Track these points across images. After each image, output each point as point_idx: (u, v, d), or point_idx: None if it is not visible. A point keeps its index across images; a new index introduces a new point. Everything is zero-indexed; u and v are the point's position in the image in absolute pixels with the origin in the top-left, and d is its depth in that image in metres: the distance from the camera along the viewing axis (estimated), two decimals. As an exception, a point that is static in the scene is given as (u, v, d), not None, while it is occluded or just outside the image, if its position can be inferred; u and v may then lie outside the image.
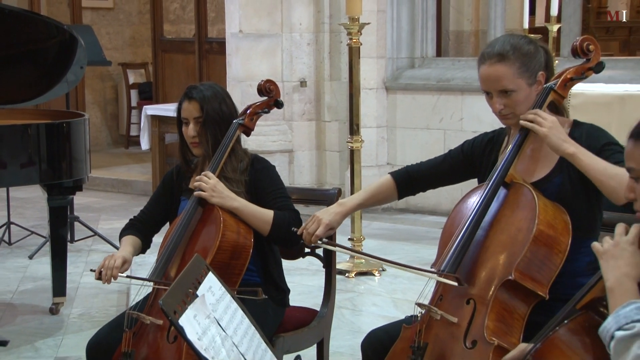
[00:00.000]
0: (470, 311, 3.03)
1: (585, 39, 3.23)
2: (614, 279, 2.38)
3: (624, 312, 2.29)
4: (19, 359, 5.39)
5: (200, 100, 3.94)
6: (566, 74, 3.22)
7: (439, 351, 3.05)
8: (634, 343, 2.23)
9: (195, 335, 2.49)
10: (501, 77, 3.23)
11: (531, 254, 3.00)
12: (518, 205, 3.13)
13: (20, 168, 5.78)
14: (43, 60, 6.41)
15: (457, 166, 3.57)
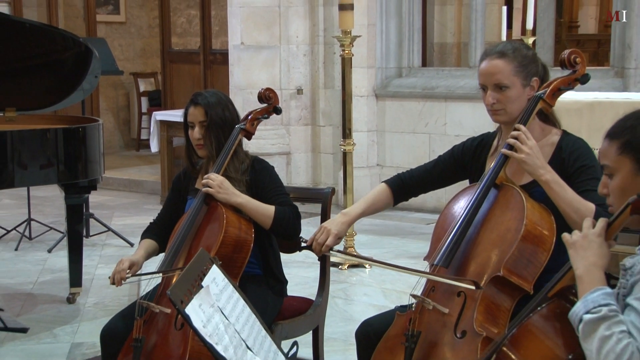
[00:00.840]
0: (460, 303, 3.00)
1: (573, 52, 3.22)
2: (583, 268, 2.39)
3: (592, 297, 2.30)
4: (38, 344, 5.39)
5: (205, 106, 3.95)
6: (555, 84, 3.21)
7: (431, 339, 3.03)
8: (600, 325, 2.24)
9: (201, 323, 2.50)
10: (498, 71, 3.24)
11: (519, 252, 2.98)
12: (507, 206, 3.12)
13: (40, 169, 5.78)
14: (61, 70, 6.40)
15: (449, 170, 3.56)
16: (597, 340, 2.24)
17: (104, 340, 3.86)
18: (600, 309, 2.26)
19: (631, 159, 2.39)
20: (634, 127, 2.39)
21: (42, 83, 6.36)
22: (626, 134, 2.40)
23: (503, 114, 3.28)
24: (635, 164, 2.38)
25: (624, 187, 2.41)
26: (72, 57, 6.36)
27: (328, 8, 8.69)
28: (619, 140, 2.40)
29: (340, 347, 4.62)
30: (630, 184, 2.40)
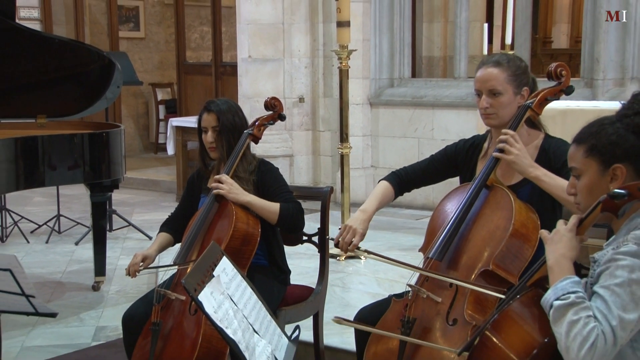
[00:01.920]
0: (452, 294, 2.99)
1: (559, 65, 3.21)
2: (553, 259, 2.39)
3: (561, 285, 2.31)
4: (66, 327, 5.40)
5: (217, 112, 3.96)
6: (542, 94, 3.21)
7: (424, 325, 3.02)
8: (569, 311, 2.24)
9: (212, 309, 2.49)
10: (493, 78, 3.24)
11: (507, 248, 2.98)
12: (497, 206, 3.10)
13: (68, 170, 5.78)
14: (87, 81, 6.40)
15: (442, 168, 3.55)
16: (566, 324, 2.24)
17: (126, 324, 3.87)
18: (569, 295, 2.27)
19: (596, 161, 2.40)
20: (598, 132, 2.41)
21: (70, 93, 6.35)
22: (591, 139, 2.42)
23: (495, 118, 3.28)
24: (600, 165, 2.39)
25: (591, 186, 2.42)
26: (96, 70, 6.36)
27: (327, 25, 8.69)
28: (585, 145, 2.42)
29: (337, 331, 4.60)
30: (596, 184, 2.41)
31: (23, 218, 8.09)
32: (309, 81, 8.99)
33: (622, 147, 2.36)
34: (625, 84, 7.37)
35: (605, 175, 2.39)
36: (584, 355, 2.19)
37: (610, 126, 2.40)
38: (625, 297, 2.21)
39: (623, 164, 2.36)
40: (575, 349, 2.20)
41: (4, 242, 7.68)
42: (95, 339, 5.21)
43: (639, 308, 2.21)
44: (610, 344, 2.19)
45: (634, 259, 2.23)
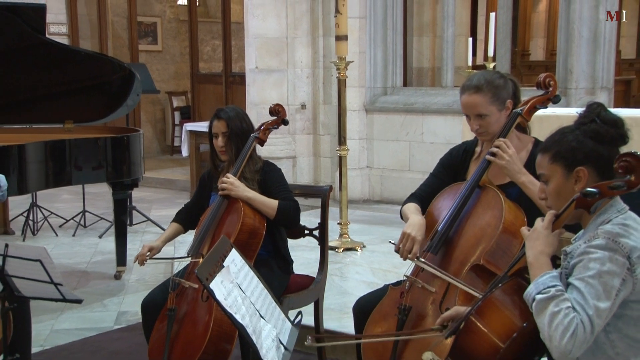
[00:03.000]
0: (445, 284, 2.97)
1: (547, 75, 3.21)
2: (533, 256, 2.40)
3: (542, 280, 2.31)
4: (91, 312, 5.40)
5: (227, 119, 3.96)
6: (532, 102, 3.20)
7: (419, 312, 3.02)
8: (550, 303, 2.24)
9: (222, 296, 2.48)
10: (477, 105, 3.22)
11: (496, 245, 2.96)
12: (489, 205, 3.09)
13: (92, 170, 5.79)
14: (109, 90, 6.40)
15: (445, 179, 3.45)
16: (548, 316, 2.23)
17: (144, 310, 3.87)
18: (549, 289, 2.27)
19: (561, 166, 2.41)
20: (560, 140, 2.43)
21: (94, 100, 6.36)
22: (555, 146, 2.44)
23: (486, 134, 3.27)
24: (564, 169, 2.41)
25: (558, 189, 2.43)
26: (118, 79, 6.36)
27: (327, 39, 8.68)
28: (550, 152, 2.44)
29: (336, 316, 4.60)
30: (563, 187, 2.42)
31: (52, 214, 8.11)
32: (310, 90, 8.98)
33: (582, 151, 2.37)
34: (596, 92, 7.42)
35: (570, 178, 2.40)
36: (566, 343, 2.19)
37: (570, 134, 2.42)
38: (599, 287, 2.22)
39: (585, 167, 2.37)
40: (557, 338, 2.20)
41: (35, 235, 7.67)
42: (117, 323, 5.21)
43: (611, 297, 2.22)
44: (589, 332, 2.20)
45: (604, 251, 2.24)
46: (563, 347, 2.19)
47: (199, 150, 9.33)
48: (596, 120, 2.39)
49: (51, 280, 2.99)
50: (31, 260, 2.95)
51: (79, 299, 3.12)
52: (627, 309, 2.27)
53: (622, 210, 2.35)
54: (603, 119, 2.39)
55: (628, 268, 2.22)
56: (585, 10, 7.34)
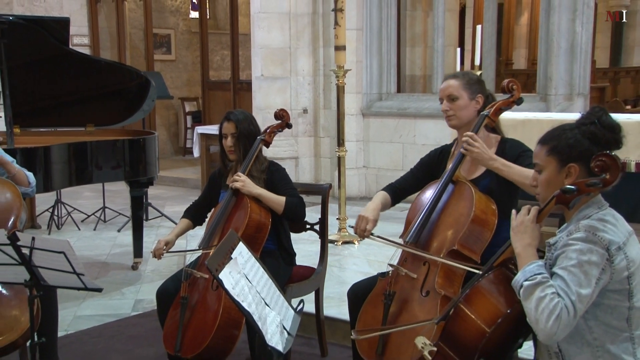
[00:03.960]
0: (425, 270, 3.03)
1: (510, 81, 3.28)
2: (521, 247, 2.39)
3: (529, 268, 2.31)
4: (110, 300, 5.40)
5: (236, 121, 3.96)
6: (497, 105, 3.26)
7: (403, 297, 3.06)
8: (536, 289, 2.25)
9: (230, 285, 2.48)
10: (450, 87, 3.33)
11: (469, 231, 3.01)
12: (461, 197, 3.14)
13: (111, 169, 5.79)
14: (127, 96, 6.40)
15: (421, 176, 3.57)
16: (535, 300, 2.24)
17: (159, 298, 3.86)
18: (536, 276, 2.27)
19: (556, 160, 2.41)
20: (559, 136, 2.41)
21: (113, 105, 6.36)
22: (553, 141, 2.42)
23: (454, 119, 3.34)
24: (559, 163, 2.40)
25: (549, 180, 2.43)
26: (135, 86, 6.36)
27: (326, 49, 8.67)
28: (548, 145, 2.42)
29: (335, 304, 4.60)
30: (554, 179, 2.41)
31: (75, 209, 8.11)
32: (311, 95, 8.98)
33: (577, 150, 2.36)
34: (573, 98, 7.43)
35: (562, 171, 2.39)
36: (551, 326, 2.19)
37: (569, 131, 2.40)
38: (580, 275, 2.22)
39: (577, 164, 2.36)
40: (543, 321, 2.20)
41: (60, 229, 7.68)
42: (134, 310, 5.22)
43: (591, 284, 2.22)
44: (572, 316, 2.20)
45: (584, 243, 2.25)
46: (549, 329, 2.20)
47: (209, 151, 9.34)
48: (596, 122, 2.38)
49: (74, 271, 2.99)
50: (56, 252, 2.94)
51: (99, 288, 3.12)
52: (605, 298, 2.28)
53: (602, 207, 2.36)
54: (603, 123, 2.38)
55: (607, 259, 2.23)
56: (563, 23, 7.37)
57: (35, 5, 11.58)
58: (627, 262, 2.25)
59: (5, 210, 3.73)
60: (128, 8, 12.09)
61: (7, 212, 3.72)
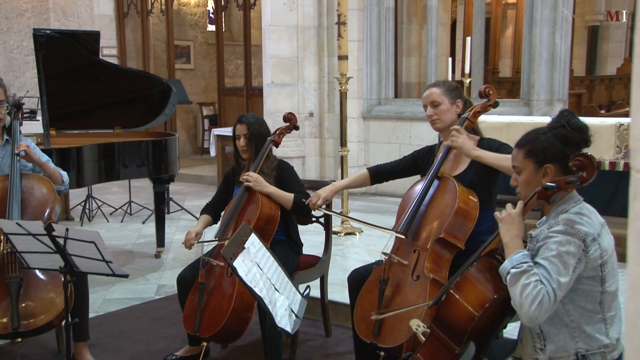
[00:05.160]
0: (415, 257, 3.07)
1: (487, 87, 3.34)
2: (509, 238, 2.39)
3: (516, 257, 2.31)
4: (135, 285, 5.41)
5: (248, 123, 3.96)
6: (475, 108, 3.30)
7: (396, 282, 3.09)
8: (522, 276, 2.25)
9: (244, 272, 2.48)
10: (432, 94, 3.37)
11: (454, 221, 3.05)
12: (446, 191, 3.17)
13: (137, 167, 5.80)
14: (151, 101, 6.41)
15: (408, 166, 3.64)
16: (520, 287, 2.24)
17: (179, 283, 3.87)
18: (522, 265, 2.27)
19: (532, 162, 2.41)
20: (533, 140, 2.42)
21: (138, 110, 6.37)
22: (529, 144, 2.43)
23: (438, 122, 3.39)
24: (535, 165, 2.40)
25: (528, 180, 2.43)
26: (158, 93, 6.37)
27: (330, 58, 8.68)
28: (524, 149, 2.43)
29: (338, 289, 4.60)
30: (532, 179, 2.42)
31: (104, 203, 8.13)
32: (316, 100, 8.98)
33: (551, 152, 2.36)
34: (554, 103, 7.42)
35: (539, 172, 2.39)
36: (534, 310, 2.20)
37: (543, 135, 2.40)
38: (560, 265, 2.23)
39: (552, 164, 2.36)
40: (527, 305, 2.21)
41: (90, 221, 7.69)
42: (157, 294, 5.23)
43: (569, 273, 2.23)
44: (552, 301, 2.21)
45: (563, 235, 2.25)
46: (531, 313, 2.20)
47: (224, 151, 9.35)
48: (566, 125, 2.38)
49: (103, 259, 2.99)
50: (87, 242, 2.96)
51: (126, 274, 3.13)
52: (581, 284, 2.28)
53: (578, 202, 2.36)
54: (572, 125, 2.38)
55: (583, 249, 2.24)
56: (544, 36, 7.36)
57: (70, 20, 11.60)
58: (600, 252, 2.26)
59: (42, 204, 3.75)
60: (152, 22, 12.09)
61: (43, 205, 3.75)
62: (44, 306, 3.47)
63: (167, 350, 4.11)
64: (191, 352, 3.94)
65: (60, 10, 11.65)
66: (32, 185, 3.77)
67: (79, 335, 3.83)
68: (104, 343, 4.27)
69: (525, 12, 7.62)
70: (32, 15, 11.54)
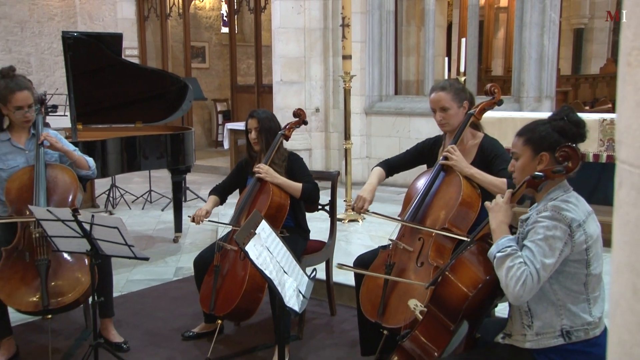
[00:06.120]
0: (420, 244, 3.04)
1: (493, 85, 3.29)
2: (495, 224, 2.39)
3: (501, 242, 2.31)
4: (156, 267, 5.43)
5: (258, 118, 3.96)
6: (481, 105, 3.25)
7: (401, 267, 3.07)
8: (507, 259, 2.26)
9: (255, 256, 2.48)
10: (441, 100, 3.27)
11: (458, 212, 3.02)
12: (451, 183, 3.13)
13: (156, 159, 5.81)
14: (169, 98, 6.41)
15: (414, 157, 3.58)
16: (505, 269, 2.25)
17: (196, 266, 3.88)
18: (507, 249, 2.28)
19: (530, 149, 2.40)
20: (533, 129, 2.42)
21: (157, 106, 6.37)
22: (528, 133, 2.42)
23: (447, 125, 3.31)
24: (532, 152, 2.40)
25: (524, 166, 2.42)
26: (176, 90, 6.37)
27: (335, 58, 8.66)
28: (524, 137, 2.43)
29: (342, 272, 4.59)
30: (528, 165, 2.41)
31: (126, 192, 8.16)
32: (322, 97, 8.96)
33: (548, 141, 2.36)
34: (542, 100, 7.40)
35: (535, 159, 2.39)
36: (518, 290, 2.20)
37: (542, 125, 2.40)
38: (546, 247, 2.22)
39: (547, 153, 2.36)
40: (512, 285, 2.21)
41: (114, 208, 7.71)
42: (175, 276, 5.24)
43: (555, 255, 2.23)
44: (535, 281, 2.21)
45: (550, 220, 2.24)
46: (516, 293, 2.21)
47: (237, 144, 9.35)
48: (565, 119, 2.38)
49: (126, 243, 3.01)
50: (111, 227, 2.97)
51: (147, 257, 3.14)
52: (567, 266, 2.28)
53: (567, 191, 2.36)
54: (570, 119, 2.38)
55: (569, 234, 2.23)
56: (533, 38, 7.33)
57: (95, 24, 11.61)
58: (585, 237, 2.25)
59: (65, 191, 3.78)
60: (170, 25, 12.07)
61: (67, 193, 3.78)
62: (70, 285, 3.50)
63: (184, 327, 4.12)
64: (207, 329, 3.96)
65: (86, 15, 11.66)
66: (56, 174, 3.80)
67: (105, 312, 3.86)
68: (127, 320, 4.29)
69: (515, 15, 7.59)
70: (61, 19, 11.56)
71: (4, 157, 3.79)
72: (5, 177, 3.74)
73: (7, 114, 3.79)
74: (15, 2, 11.06)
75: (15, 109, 3.74)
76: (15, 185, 3.70)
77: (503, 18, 14.72)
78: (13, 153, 3.82)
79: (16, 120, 3.80)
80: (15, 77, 3.75)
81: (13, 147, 3.83)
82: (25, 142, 3.86)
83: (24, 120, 3.79)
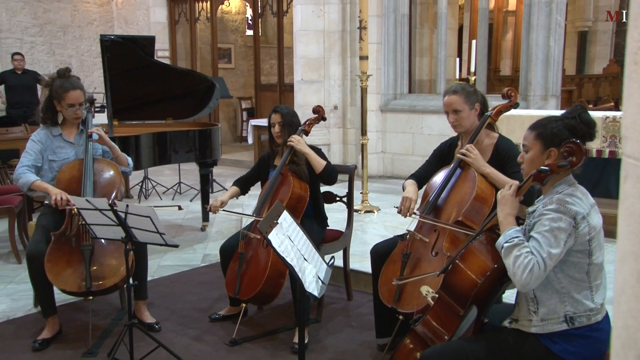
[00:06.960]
0: (435, 236, 3.04)
1: (510, 89, 3.24)
2: (503, 216, 2.38)
3: (509, 233, 2.30)
4: (185, 254, 5.46)
5: (281, 113, 3.96)
6: (498, 108, 3.22)
7: (417, 257, 3.07)
8: (514, 249, 2.24)
9: (277, 244, 2.49)
10: (454, 103, 3.23)
11: (472, 206, 2.99)
12: (467, 179, 3.12)
13: (185, 153, 5.83)
14: (197, 96, 6.43)
15: (437, 162, 3.47)
16: (512, 258, 2.23)
17: (222, 253, 3.90)
18: (514, 239, 2.26)
19: (540, 144, 2.37)
20: (545, 125, 2.39)
21: (187, 103, 6.39)
22: (540, 128, 2.40)
23: (460, 127, 3.27)
24: (542, 147, 2.37)
25: (533, 159, 2.40)
26: (203, 89, 6.38)
27: (353, 58, 8.62)
28: (536, 131, 2.40)
29: (359, 260, 4.60)
30: (537, 158, 2.38)
31: (158, 184, 8.20)
32: (341, 95, 8.94)
33: (558, 138, 2.33)
34: (548, 99, 7.33)
35: (544, 153, 2.37)
36: (525, 277, 2.19)
37: (554, 122, 2.38)
38: (551, 238, 2.21)
39: (556, 148, 2.34)
40: (519, 274, 2.20)
41: (147, 199, 7.76)
42: (203, 262, 5.27)
43: (560, 246, 2.21)
44: (542, 270, 2.19)
45: (555, 213, 2.23)
46: (523, 281, 2.19)
47: (260, 139, 9.36)
48: (576, 117, 2.35)
49: (157, 231, 3.02)
50: (144, 216, 2.99)
51: (176, 245, 3.16)
52: (570, 256, 2.26)
53: (572, 185, 2.33)
54: (581, 119, 2.35)
55: (573, 226, 2.21)
56: (540, 39, 7.26)
57: (130, 27, 11.69)
58: (589, 229, 2.23)
59: (110, 184, 3.84)
60: (199, 28, 12.10)
61: (111, 186, 3.84)
62: (110, 271, 3.55)
63: (211, 309, 4.15)
64: (232, 312, 3.98)
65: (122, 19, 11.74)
66: (102, 168, 3.88)
67: (139, 295, 3.90)
68: (158, 302, 4.32)
69: (523, 18, 7.51)
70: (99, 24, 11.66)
71: (57, 150, 3.91)
72: (57, 168, 3.85)
73: (61, 110, 3.91)
74: (59, 8, 11.19)
75: (67, 106, 3.86)
76: (66, 176, 3.80)
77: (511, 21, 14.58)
78: (64, 146, 3.94)
79: (68, 117, 3.92)
80: (70, 77, 3.89)
81: (64, 141, 3.94)
82: (74, 137, 3.98)
83: (75, 117, 3.91)
